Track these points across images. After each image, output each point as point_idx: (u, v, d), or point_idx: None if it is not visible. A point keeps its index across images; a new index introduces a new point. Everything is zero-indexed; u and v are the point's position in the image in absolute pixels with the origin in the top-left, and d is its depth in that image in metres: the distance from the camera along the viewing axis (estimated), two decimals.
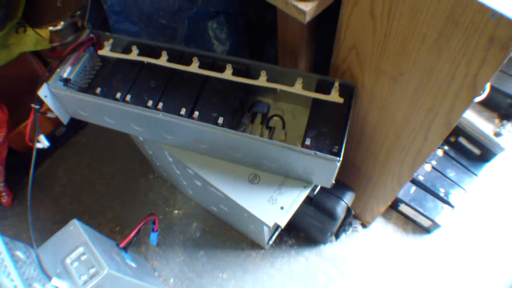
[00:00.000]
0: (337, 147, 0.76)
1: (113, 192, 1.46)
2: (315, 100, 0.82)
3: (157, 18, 1.24)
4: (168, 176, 1.36)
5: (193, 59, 0.86)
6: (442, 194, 1.32)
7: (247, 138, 0.77)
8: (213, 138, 0.81)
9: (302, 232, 1.37)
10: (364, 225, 1.38)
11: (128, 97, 0.83)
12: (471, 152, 1.36)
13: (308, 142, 0.76)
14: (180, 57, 0.89)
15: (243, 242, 1.36)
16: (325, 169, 0.79)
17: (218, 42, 1.07)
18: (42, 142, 0.92)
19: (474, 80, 0.63)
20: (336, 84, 0.81)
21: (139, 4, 1.24)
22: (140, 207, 1.43)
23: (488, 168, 1.37)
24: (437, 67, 0.66)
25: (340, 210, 1.04)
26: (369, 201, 1.21)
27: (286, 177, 0.87)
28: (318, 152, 0.74)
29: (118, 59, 0.90)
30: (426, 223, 1.33)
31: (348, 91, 0.82)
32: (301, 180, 0.86)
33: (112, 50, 0.92)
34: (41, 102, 0.89)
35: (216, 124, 0.79)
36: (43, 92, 0.87)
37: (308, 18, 0.64)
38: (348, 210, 1.07)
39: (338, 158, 0.74)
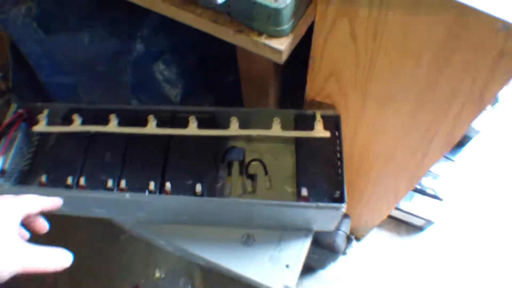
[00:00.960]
0: (338, 191, 0.66)
1: (84, 266, 1.29)
2: (297, 139, 0.72)
3: (93, 66, 1.10)
4: (142, 235, 1.22)
5: (148, 118, 0.73)
6: (428, 190, 1.27)
7: (237, 203, 0.65)
8: (196, 209, 0.69)
9: None
10: (358, 239, 1.31)
11: (82, 181, 0.69)
12: None
13: (305, 192, 0.66)
14: (133, 117, 0.76)
15: (240, 284, 1.25)
16: (328, 217, 0.69)
17: (169, 85, 0.94)
18: None
19: (480, 96, 0.55)
20: (318, 116, 0.72)
21: (68, 54, 1.09)
22: (117, 275, 1.28)
23: (465, 153, 1.34)
24: (435, 87, 0.58)
25: (340, 241, 0.95)
26: (363, 217, 1.13)
27: (283, 230, 0.77)
28: (320, 203, 0.64)
29: (59, 134, 0.76)
30: (419, 222, 1.29)
31: (332, 122, 0.72)
32: (300, 229, 0.76)
33: (49, 123, 0.77)
34: None
35: (195, 193, 0.67)
36: None
37: (284, 57, 0.54)
38: (348, 238, 0.98)
39: (343, 205, 0.65)
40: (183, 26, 0.68)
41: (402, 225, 1.32)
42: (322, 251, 0.98)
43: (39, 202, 0.50)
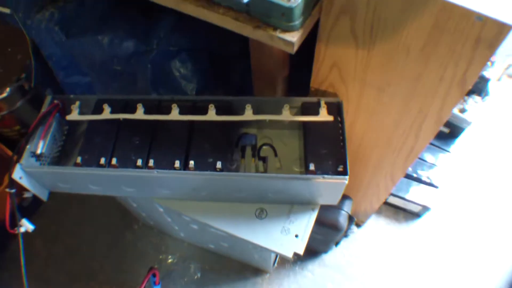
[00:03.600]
0: (341, 166, 0.75)
1: (100, 252, 1.38)
2: (304, 123, 0.82)
3: (111, 65, 1.19)
4: (156, 223, 1.30)
5: (172, 106, 0.83)
6: (424, 178, 1.36)
7: (256, 177, 0.74)
8: (215, 184, 0.78)
9: None
10: (358, 225, 1.40)
11: (114, 161, 0.78)
12: (441, 131, 1.42)
13: (312, 167, 0.75)
14: (157, 106, 0.85)
15: (246, 271, 1.33)
16: (333, 190, 0.78)
17: (185, 81, 1.04)
18: (26, 226, 0.85)
19: (463, 79, 0.65)
20: (323, 103, 0.81)
21: (88, 55, 1.18)
22: (132, 262, 1.36)
23: (458, 143, 1.44)
24: (424, 73, 0.68)
25: (343, 220, 1.04)
26: (362, 202, 1.22)
27: (292, 205, 0.86)
28: (326, 175, 0.74)
29: (91, 121, 0.85)
30: (416, 208, 1.38)
31: (334, 107, 0.82)
32: (308, 204, 0.85)
33: (81, 112, 0.86)
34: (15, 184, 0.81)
35: (216, 169, 0.76)
36: (18, 174, 0.79)
37: (295, 48, 0.64)
38: (350, 218, 1.07)
39: (346, 177, 0.74)
40: (197, 26, 0.76)
41: (400, 212, 1.42)
42: (326, 231, 1.06)
43: None
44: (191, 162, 0.77)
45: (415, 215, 1.41)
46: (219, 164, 0.76)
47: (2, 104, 1.23)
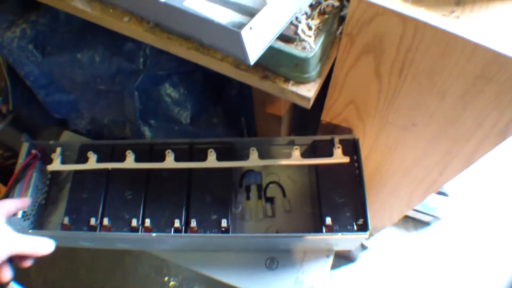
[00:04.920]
0: (361, 219, 0.67)
1: (100, 277, 1.30)
2: (315, 166, 0.73)
3: (94, 84, 1.07)
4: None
5: (166, 152, 0.73)
6: None
7: (267, 237, 0.66)
8: (220, 241, 0.69)
9: None
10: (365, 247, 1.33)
11: (105, 221, 0.69)
12: None
13: (329, 221, 0.67)
14: (149, 151, 0.75)
15: None
16: (351, 242, 0.70)
17: (178, 108, 0.93)
18: None
19: (505, 128, 0.56)
20: (337, 141, 0.72)
21: (68, 74, 1.07)
22: (133, 286, 1.29)
23: None
24: (459, 119, 0.59)
25: (356, 251, 0.97)
26: (373, 220, 1.15)
27: (305, 252, 0.78)
28: (344, 232, 0.65)
29: (76, 172, 0.75)
30: (426, 218, 1.31)
31: (349, 145, 0.73)
32: (322, 251, 0.78)
33: (63, 160, 0.76)
34: None
35: (221, 228, 0.67)
36: None
37: (311, 103, 0.54)
38: (362, 246, 1.00)
39: (367, 233, 0.66)
40: None
41: (409, 221, 1.35)
42: (339, 260, 1.00)
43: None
44: (193, 221, 0.68)
45: (425, 224, 1.35)
46: (224, 223, 0.67)
47: None
